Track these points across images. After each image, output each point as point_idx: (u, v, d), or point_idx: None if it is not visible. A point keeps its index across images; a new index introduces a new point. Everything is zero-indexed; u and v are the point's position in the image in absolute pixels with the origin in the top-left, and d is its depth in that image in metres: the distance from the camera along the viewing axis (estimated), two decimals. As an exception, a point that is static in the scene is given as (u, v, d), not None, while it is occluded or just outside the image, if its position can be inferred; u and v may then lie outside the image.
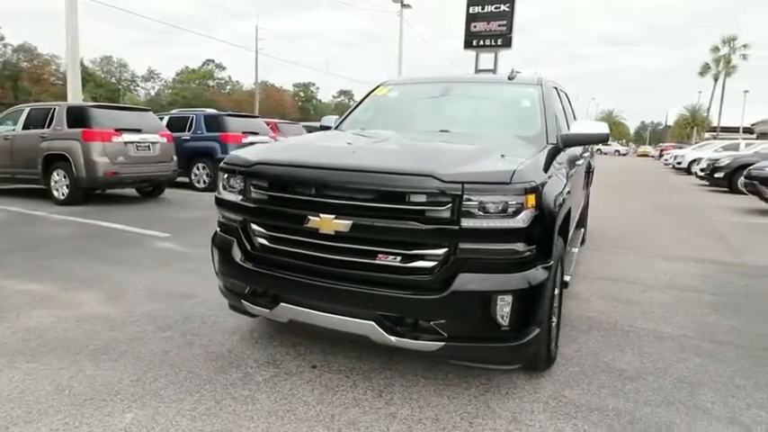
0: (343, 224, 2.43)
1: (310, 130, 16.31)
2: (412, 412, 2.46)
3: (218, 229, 3.05)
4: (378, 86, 4.42)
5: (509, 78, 4.07)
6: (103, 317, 3.55)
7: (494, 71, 41.25)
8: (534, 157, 2.71)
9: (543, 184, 2.48)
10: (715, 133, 44.52)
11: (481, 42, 34.71)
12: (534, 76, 4.11)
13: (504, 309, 2.33)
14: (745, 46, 50.73)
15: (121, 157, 8.50)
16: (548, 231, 2.51)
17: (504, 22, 34.44)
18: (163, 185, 9.84)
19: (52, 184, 8.58)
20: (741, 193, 11.37)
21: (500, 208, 2.31)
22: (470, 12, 29.91)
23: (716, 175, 14.56)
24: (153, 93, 69.66)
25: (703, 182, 16.06)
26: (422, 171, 2.37)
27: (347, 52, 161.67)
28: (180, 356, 2.98)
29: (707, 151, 19.92)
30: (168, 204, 9.14)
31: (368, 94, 4.35)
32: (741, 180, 10.81)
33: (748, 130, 46.91)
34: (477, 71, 39.39)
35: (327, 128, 4.15)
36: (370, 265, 2.45)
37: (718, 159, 14.97)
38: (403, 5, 34.13)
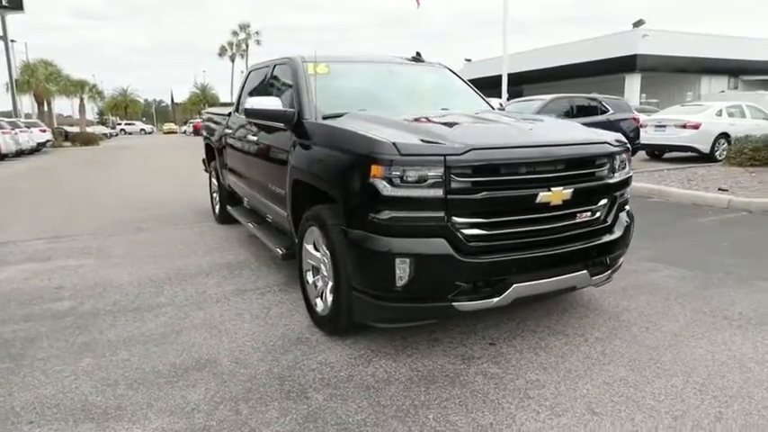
0: (569, 192, 2.73)
1: None
2: (606, 336, 3.06)
3: (388, 237, 2.53)
4: (305, 63, 3.94)
5: (418, 61, 4.54)
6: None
7: (4, 39, 34.01)
8: None
9: None
10: None
11: (-24, 0, 28.27)
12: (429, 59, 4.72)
13: (631, 234, 3.26)
14: (257, 32, 60.28)
15: None
16: None
17: (0, -20, 28.92)
18: None
19: None
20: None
21: (623, 163, 3.18)
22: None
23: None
24: None
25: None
26: (601, 140, 2.98)
27: None
28: (382, 396, 2.42)
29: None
30: None
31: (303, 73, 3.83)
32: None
33: None
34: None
35: (282, 113, 3.51)
36: (576, 224, 2.87)
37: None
38: None
